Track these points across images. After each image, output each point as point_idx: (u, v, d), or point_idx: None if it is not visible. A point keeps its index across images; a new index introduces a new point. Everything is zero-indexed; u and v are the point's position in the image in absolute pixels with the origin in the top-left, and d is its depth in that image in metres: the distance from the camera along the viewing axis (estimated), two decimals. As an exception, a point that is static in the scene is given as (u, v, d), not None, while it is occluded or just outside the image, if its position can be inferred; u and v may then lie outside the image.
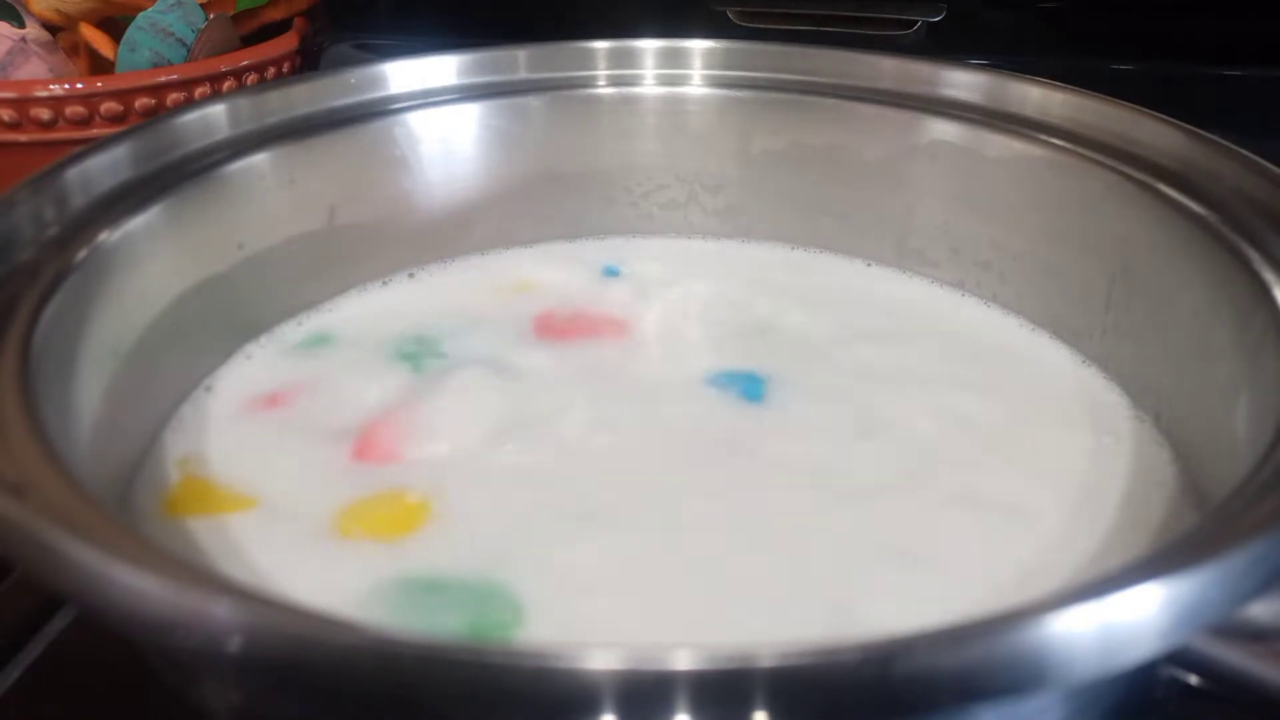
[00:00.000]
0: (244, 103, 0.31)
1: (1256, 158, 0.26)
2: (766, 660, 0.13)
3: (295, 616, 0.14)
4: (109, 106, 0.40)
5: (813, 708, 0.13)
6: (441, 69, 0.35)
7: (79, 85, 0.40)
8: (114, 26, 0.46)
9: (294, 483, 0.25)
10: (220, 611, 0.14)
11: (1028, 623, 0.14)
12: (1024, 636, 0.14)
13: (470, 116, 0.35)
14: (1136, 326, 0.29)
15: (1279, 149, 0.27)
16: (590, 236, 0.37)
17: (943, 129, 0.33)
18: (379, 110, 0.34)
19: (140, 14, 0.44)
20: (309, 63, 0.50)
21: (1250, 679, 0.16)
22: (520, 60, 0.36)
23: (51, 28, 0.46)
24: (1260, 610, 0.16)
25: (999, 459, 0.26)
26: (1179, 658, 0.16)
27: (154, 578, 0.15)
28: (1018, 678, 0.14)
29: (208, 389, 0.29)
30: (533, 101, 0.36)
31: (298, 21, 0.50)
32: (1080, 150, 0.30)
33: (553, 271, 0.35)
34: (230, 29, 0.46)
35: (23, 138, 0.40)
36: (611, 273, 0.35)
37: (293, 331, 0.32)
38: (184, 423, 0.28)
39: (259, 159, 0.30)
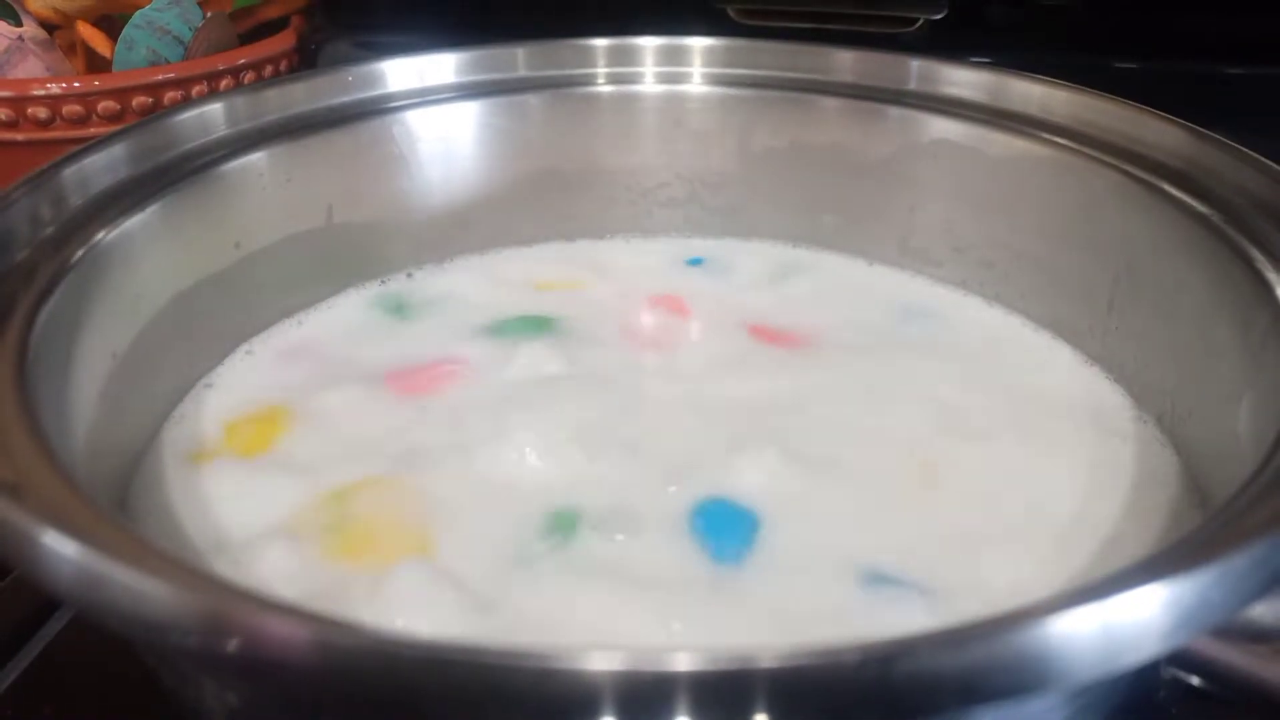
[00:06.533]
0: (241, 101, 0.31)
1: (1260, 157, 0.26)
2: (767, 661, 0.13)
3: (294, 617, 0.14)
4: (106, 105, 0.40)
5: (813, 709, 0.13)
6: (440, 67, 0.35)
7: (76, 84, 0.40)
8: (111, 25, 0.46)
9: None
10: (217, 612, 0.14)
11: (1029, 624, 0.14)
12: (1026, 638, 0.14)
13: (469, 115, 0.35)
14: (1139, 326, 0.28)
15: (1282, 148, 0.27)
16: (590, 236, 0.37)
17: (945, 127, 0.33)
18: (377, 109, 0.34)
19: (137, 12, 0.44)
20: (306, 61, 0.50)
21: (1252, 680, 0.16)
22: (519, 58, 0.36)
23: (49, 26, 0.46)
24: (1262, 611, 0.16)
25: (1001, 459, 0.26)
26: (1181, 659, 0.16)
27: (151, 579, 0.14)
28: (1019, 679, 0.14)
29: (208, 386, 0.29)
30: (532, 100, 0.36)
31: (295, 20, 0.50)
32: (1083, 149, 0.30)
33: (560, 269, 0.35)
34: (228, 27, 0.46)
35: (20, 136, 0.40)
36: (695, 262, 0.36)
37: (293, 331, 0.32)
38: (184, 419, 0.28)
39: (256, 158, 0.30)
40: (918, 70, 0.34)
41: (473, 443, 0.26)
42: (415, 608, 0.21)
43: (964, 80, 0.33)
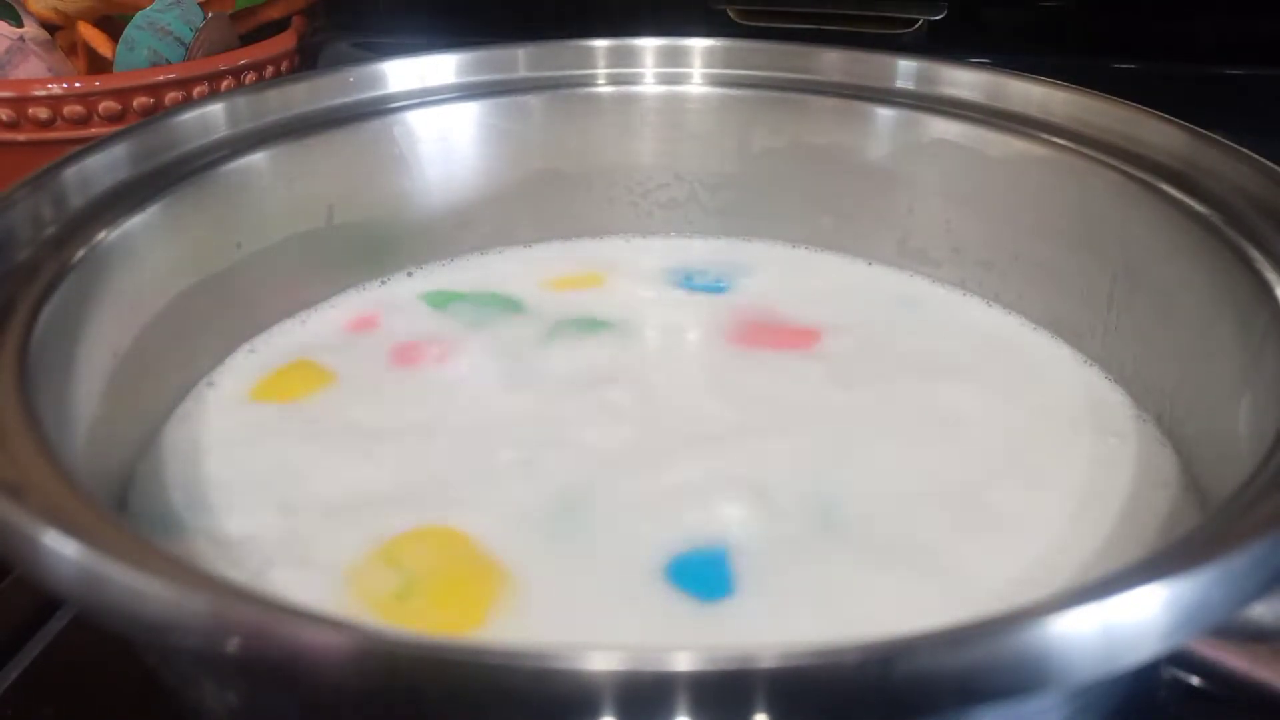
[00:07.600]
0: (242, 101, 0.31)
1: (1258, 157, 0.26)
2: (767, 661, 0.13)
3: (294, 617, 0.14)
4: (107, 105, 0.40)
5: (813, 709, 0.13)
6: (440, 67, 0.35)
7: (77, 84, 0.40)
8: (112, 25, 0.46)
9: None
10: (218, 612, 0.14)
11: (1029, 624, 0.14)
12: (1025, 637, 0.14)
13: (469, 115, 0.35)
14: (1139, 326, 0.28)
15: (1281, 148, 0.27)
16: (590, 236, 0.37)
17: (944, 128, 0.33)
18: (377, 109, 0.34)
19: (138, 13, 0.44)
20: (307, 61, 0.50)
21: (1252, 680, 0.16)
22: (519, 59, 0.36)
23: (50, 26, 0.46)
24: (1262, 611, 0.16)
25: (1001, 459, 0.26)
26: (1180, 659, 0.16)
27: (151, 578, 0.15)
28: (1019, 679, 0.14)
29: (209, 385, 0.29)
30: (532, 100, 0.36)
31: (296, 20, 0.50)
32: (1082, 149, 0.30)
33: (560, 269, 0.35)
34: (228, 28, 0.46)
35: (21, 137, 0.40)
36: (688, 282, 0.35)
37: (295, 330, 0.32)
38: (186, 419, 0.28)
39: (257, 158, 0.30)
40: (917, 71, 0.34)
41: (490, 440, 0.26)
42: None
43: (963, 81, 0.33)
